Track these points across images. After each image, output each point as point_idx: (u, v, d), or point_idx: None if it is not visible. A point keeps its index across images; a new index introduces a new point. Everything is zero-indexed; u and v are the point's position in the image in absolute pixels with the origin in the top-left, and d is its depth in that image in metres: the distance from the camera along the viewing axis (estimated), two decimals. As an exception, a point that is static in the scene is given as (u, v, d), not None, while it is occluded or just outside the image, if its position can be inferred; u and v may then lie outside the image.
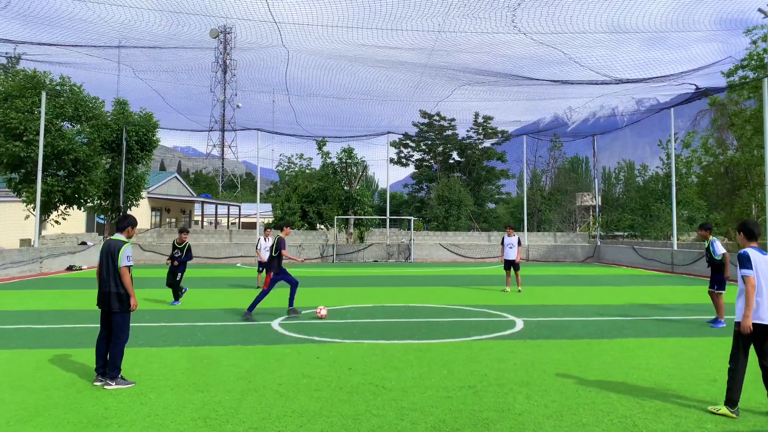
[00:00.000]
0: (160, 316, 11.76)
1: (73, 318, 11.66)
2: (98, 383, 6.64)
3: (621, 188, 55.88)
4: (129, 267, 6.84)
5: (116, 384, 6.56)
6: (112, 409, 5.75)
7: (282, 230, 12.98)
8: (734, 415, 5.50)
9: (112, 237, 7.08)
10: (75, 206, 28.08)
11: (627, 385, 6.70)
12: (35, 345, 8.99)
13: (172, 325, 10.80)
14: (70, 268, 24.69)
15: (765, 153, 21.27)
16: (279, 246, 11.93)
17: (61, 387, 6.55)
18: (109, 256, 6.85)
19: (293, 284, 12.19)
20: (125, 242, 6.95)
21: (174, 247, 14.35)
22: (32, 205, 25.31)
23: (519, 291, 16.64)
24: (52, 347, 8.79)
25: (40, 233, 25.65)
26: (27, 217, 26.68)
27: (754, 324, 5.64)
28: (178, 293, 14.21)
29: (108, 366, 6.68)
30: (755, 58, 29.70)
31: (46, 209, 26.78)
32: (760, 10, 21.83)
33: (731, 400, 5.57)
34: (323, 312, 11.60)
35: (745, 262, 5.74)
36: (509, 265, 17.01)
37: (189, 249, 14.47)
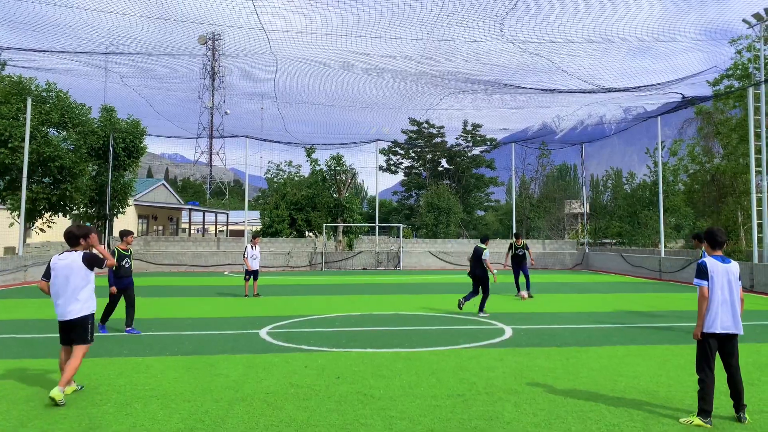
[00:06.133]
0: (146, 326, 11.63)
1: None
2: None
3: (609, 196, 56.20)
4: None
5: None
6: (97, 420, 5.67)
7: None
8: (708, 425, 5.48)
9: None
10: (60, 214, 27.82)
11: (615, 392, 6.70)
12: (19, 355, 8.86)
13: (158, 335, 10.69)
14: (55, 276, 24.41)
15: (750, 161, 21.48)
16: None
17: (45, 398, 6.44)
18: None
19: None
20: None
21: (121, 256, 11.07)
22: (17, 212, 25.03)
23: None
24: (37, 357, 8.66)
25: (24, 241, 25.37)
26: (11, 224, 26.38)
27: (712, 333, 5.69)
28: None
29: None
30: (740, 67, 30.10)
31: (31, 217, 26.50)
32: (744, 20, 22.09)
33: (704, 411, 5.56)
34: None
35: (699, 272, 5.80)
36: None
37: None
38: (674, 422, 5.63)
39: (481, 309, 13.49)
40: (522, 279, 17.55)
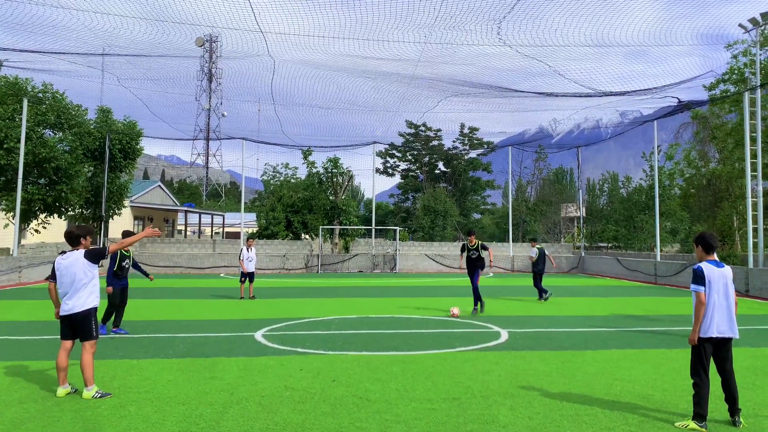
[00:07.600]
0: (140, 328, 11.60)
1: (53, 329, 11.44)
2: None
3: (605, 199, 56.42)
4: None
5: None
6: (91, 422, 5.64)
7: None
8: (703, 429, 5.49)
9: None
10: (56, 215, 27.74)
11: (611, 396, 6.70)
12: (12, 357, 8.81)
13: (152, 337, 10.66)
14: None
15: (746, 166, 21.56)
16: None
17: (39, 400, 6.41)
18: None
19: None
20: None
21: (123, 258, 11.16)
22: (12, 213, 24.93)
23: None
24: (30, 359, 8.61)
25: (19, 242, 25.27)
26: (6, 225, 26.29)
27: (708, 338, 5.71)
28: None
29: None
30: (736, 72, 30.22)
31: (26, 218, 26.40)
32: (740, 25, 22.18)
33: (699, 415, 5.58)
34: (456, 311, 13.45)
35: (697, 277, 5.81)
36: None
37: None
38: (669, 426, 5.63)
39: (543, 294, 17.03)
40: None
